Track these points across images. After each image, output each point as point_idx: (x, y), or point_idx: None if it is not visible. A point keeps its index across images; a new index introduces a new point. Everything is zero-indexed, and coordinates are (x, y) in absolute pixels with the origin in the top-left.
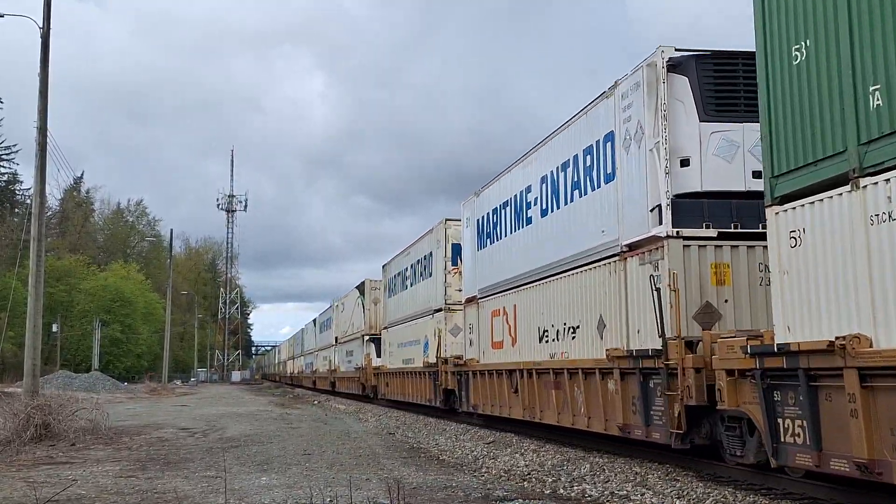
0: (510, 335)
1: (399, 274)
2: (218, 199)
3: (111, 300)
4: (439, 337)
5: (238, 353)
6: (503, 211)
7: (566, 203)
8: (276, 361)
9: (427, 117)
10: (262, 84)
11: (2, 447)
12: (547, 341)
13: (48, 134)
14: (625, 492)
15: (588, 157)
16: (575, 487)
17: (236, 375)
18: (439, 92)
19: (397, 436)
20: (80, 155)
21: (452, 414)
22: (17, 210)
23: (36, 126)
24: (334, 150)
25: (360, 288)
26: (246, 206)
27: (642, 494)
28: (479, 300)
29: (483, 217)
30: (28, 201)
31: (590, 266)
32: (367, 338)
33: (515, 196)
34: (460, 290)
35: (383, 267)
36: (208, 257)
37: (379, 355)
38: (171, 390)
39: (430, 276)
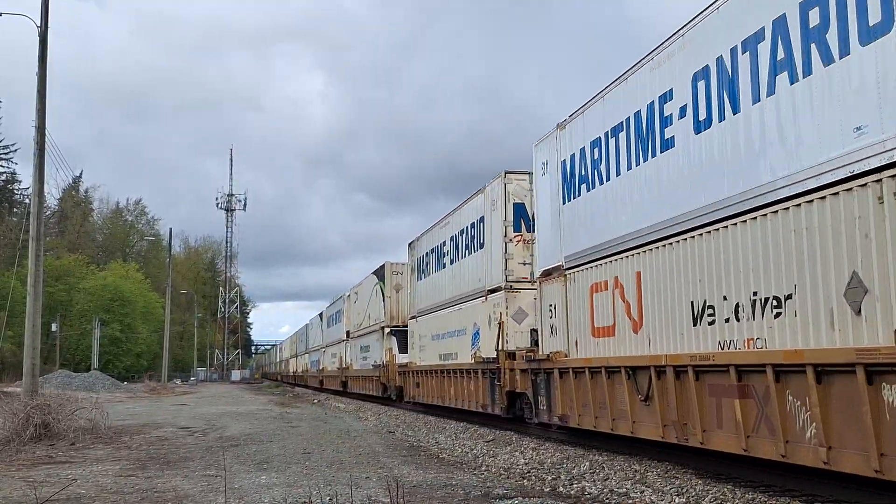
0: (630, 317)
1: (434, 251)
2: (217, 199)
3: (110, 299)
4: (501, 324)
5: (238, 353)
6: (611, 141)
7: (757, 100)
8: (278, 360)
9: (427, 116)
10: (262, 83)
11: (1, 447)
12: (711, 323)
13: (47, 133)
14: (624, 489)
15: (815, 12)
16: (574, 485)
17: (236, 374)
18: (439, 91)
19: (397, 434)
20: (79, 154)
21: (520, 424)
22: (15, 209)
23: (34, 126)
24: (334, 149)
25: (379, 273)
26: (245, 206)
27: (641, 492)
28: (568, 271)
29: (573, 157)
30: (27, 201)
31: (821, 193)
32: (388, 330)
33: (637, 114)
34: (525, 264)
35: (410, 245)
36: (207, 256)
37: (403, 350)
38: (170, 389)
39: (482, 247)
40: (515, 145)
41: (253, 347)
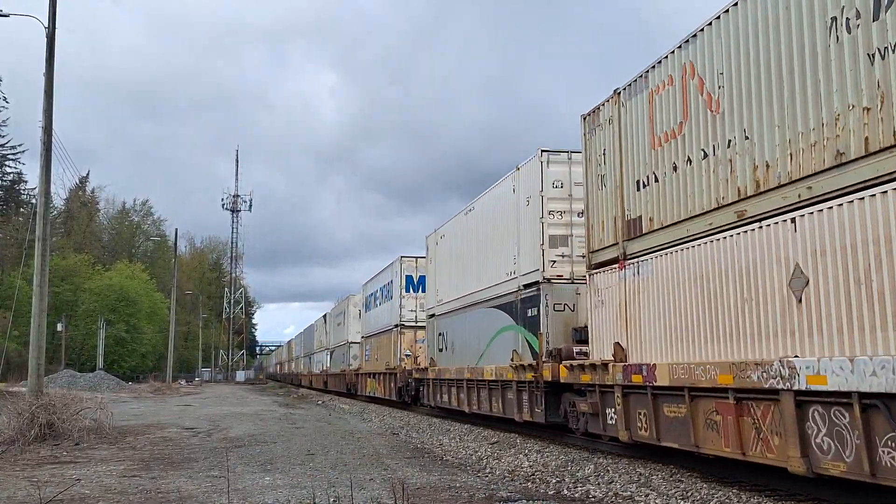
0: None
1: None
2: (223, 199)
3: (116, 299)
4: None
5: (242, 353)
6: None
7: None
8: (284, 360)
9: (440, 114)
10: (274, 81)
11: (6, 446)
12: None
13: (53, 134)
14: (629, 493)
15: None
16: (579, 488)
17: (241, 375)
18: (453, 88)
19: (401, 436)
20: (89, 153)
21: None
22: (22, 209)
23: (41, 126)
24: (346, 146)
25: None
26: (251, 206)
27: (646, 495)
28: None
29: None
30: (33, 201)
31: None
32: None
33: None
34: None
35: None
36: (213, 257)
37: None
38: (175, 389)
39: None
40: (529, 143)
41: (258, 348)
